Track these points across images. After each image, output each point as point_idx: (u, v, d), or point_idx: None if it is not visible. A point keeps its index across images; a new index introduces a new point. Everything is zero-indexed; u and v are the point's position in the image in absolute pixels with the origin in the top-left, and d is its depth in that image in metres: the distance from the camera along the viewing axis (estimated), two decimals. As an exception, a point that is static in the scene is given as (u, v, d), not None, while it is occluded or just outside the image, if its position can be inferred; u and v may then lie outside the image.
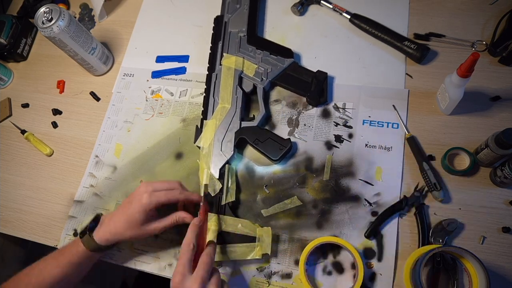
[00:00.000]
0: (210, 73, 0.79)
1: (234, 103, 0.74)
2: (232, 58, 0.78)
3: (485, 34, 0.74)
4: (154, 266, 0.68)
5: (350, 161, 0.68)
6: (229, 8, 0.84)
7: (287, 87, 0.75)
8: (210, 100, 0.76)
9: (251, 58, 0.77)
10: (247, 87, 0.75)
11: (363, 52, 0.77)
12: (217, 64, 0.79)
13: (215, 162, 0.70)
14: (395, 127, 0.69)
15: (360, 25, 0.77)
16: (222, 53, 0.79)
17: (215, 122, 0.73)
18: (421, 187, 0.64)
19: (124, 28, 0.93)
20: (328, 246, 0.63)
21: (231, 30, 0.81)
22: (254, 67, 0.76)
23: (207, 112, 0.75)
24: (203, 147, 0.72)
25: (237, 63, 0.77)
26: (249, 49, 0.79)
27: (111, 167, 0.78)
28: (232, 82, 0.75)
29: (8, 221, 0.79)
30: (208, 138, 0.72)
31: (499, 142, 0.57)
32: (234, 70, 0.77)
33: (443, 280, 0.59)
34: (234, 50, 0.79)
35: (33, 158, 0.84)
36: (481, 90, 0.69)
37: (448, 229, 0.60)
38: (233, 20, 0.82)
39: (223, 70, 0.77)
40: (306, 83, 0.73)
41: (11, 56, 0.94)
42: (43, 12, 0.76)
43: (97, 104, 0.86)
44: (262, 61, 0.77)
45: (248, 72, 0.76)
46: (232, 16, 0.83)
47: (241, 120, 0.72)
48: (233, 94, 0.74)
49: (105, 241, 0.62)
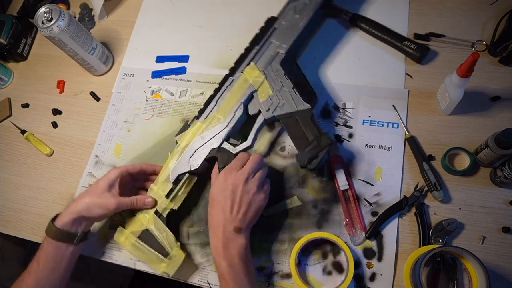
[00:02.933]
0: (228, 76, 0.72)
1: (227, 120, 0.68)
2: (255, 72, 0.70)
3: (485, 34, 0.74)
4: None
5: (350, 161, 0.68)
6: (288, 14, 0.73)
7: (287, 131, 0.67)
8: (212, 103, 0.71)
9: (272, 82, 0.69)
10: (252, 109, 0.69)
11: (363, 52, 0.77)
12: (240, 69, 0.72)
13: (178, 167, 0.68)
14: (395, 127, 0.69)
15: (360, 25, 0.77)
16: (251, 61, 0.71)
17: (202, 127, 0.69)
18: (421, 186, 0.64)
19: (124, 28, 0.93)
20: (328, 246, 0.64)
21: (273, 40, 0.72)
22: (269, 92, 0.68)
23: (203, 112, 0.71)
24: (180, 144, 0.70)
25: (256, 80, 0.69)
26: (277, 71, 0.69)
27: (111, 167, 0.78)
28: (239, 97, 0.69)
29: (8, 221, 0.79)
30: (188, 139, 0.69)
31: (499, 142, 0.57)
32: (249, 85, 0.69)
33: (443, 280, 0.59)
34: (263, 63, 0.70)
35: (33, 158, 0.84)
36: (481, 90, 0.69)
37: (448, 229, 0.60)
38: (282, 30, 0.72)
39: (240, 79, 0.70)
40: (306, 140, 0.64)
41: (11, 56, 0.94)
42: (43, 12, 0.76)
43: (97, 104, 0.86)
44: (281, 91, 0.68)
45: (261, 95, 0.68)
46: (284, 25, 0.72)
47: (224, 140, 0.68)
48: (232, 111, 0.69)
49: (70, 223, 0.61)
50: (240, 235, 0.58)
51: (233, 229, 0.58)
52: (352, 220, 0.64)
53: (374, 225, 0.62)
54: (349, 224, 0.63)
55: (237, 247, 0.57)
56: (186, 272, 0.66)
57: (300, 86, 0.68)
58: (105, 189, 0.63)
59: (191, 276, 0.66)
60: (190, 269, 0.66)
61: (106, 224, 0.72)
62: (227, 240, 0.57)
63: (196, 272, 0.66)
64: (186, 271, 0.66)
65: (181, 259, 0.63)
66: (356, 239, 0.62)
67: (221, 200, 0.60)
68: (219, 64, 0.83)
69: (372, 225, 0.62)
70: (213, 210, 0.61)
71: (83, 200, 0.62)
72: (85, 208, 0.62)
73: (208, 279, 0.65)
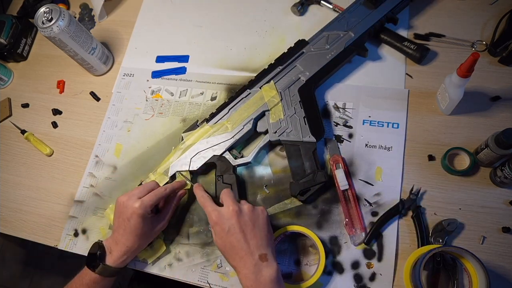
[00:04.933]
0: (246, 88, 0.73)
1: (235, 132, 0.69)
2: (273, 92, 0.70)
3: (485, 34, 0.74)
4: (154, 266, 0.68)
5: (350, 161, 0.68)
6: (319, 42, 0.73)
7: (287, 157, 0.67)
8: (224, 111, 0.71)
9: (286, 106, 0.69)
10: (260, 127, 0.70)
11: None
12: (259, 84, 0.72)
13: (178, 163, 0.70)
14: (395, 127, 0.69)
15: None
16: (271, 79, 0.72)
17: (209, 131, 0.71)
18: (417, 189, 0.64)
19: (124, 28, 0.93)
20: (328, 246, 0.64)
21: (298, 65, 0.72)
22: (280, 116, 0.68)
23: (214, 117, 0.72)
24: (185, 142, 0.71)
25: (272, 100, 0.70)
26: (293, 97, 0.69)
27: (111, 167, 0.78)
28: (251, 112, 0.70)
29: (8, 221, 0.79)
30: (193, 139, 0.71)
31: (499, 142, 0.57)
32: (264, 103, 0.70)
33: (443, 280, 0.59)
34: (282, 85, 0.71)
35: (33, 158, 0.84)
36: (481, 90, 0.69)
37: (448, 229, 0.60)
38: (309, 56, 0.72)
39: (256, 95, 0.71)
40: (303, 171, 0.65)
41: (11, 56, 0.94)
42: (43, 12, 0.76)
43: (97, 104, 0.86)
44: (292, 118, 0.68)
45: (272, 116, 0.69)
46: (312, 52, 0.72)
47: (227, 149, 0.69)
48: (242, 124, 0.69)
49: (122, 263, 0.62)
50: (267, 262, 0.54)
51: (258, 259, 0.54)
52: (352, 220, 0.64)
53: (372, 230, 0.62)
54: (349, 224, 0.63)
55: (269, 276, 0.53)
56: (186, 272, 0.66)
57: (311, 117, 0.68)
58: (149, 228, 0.62)
59: (191, 276, 0.66)
60: (190, 268, 0.66)
61: (106, 224, 0.73)
62: (258, 274, 0.53)
63: (196, 272, 0.66)
64: (186, 271, 0.66)
65: (162, 250, 0.67)
66: (356, 239, 0.62)
67: (228, 237, 0.56)
68: (219, 64, 0.83)
69: (370, 230, 0.62)
70: (231, 261, 0.56)
71: (140, 245, 0.62)
72: (142, 248, 0.64)
73: (208, 279, 0.65)
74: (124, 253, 0.61)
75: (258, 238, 0.55)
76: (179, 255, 0.68)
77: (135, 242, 0.61)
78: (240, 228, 0.55)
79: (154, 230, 0.64)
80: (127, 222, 0.60)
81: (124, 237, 0.61)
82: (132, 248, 0.61)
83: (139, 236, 0.61)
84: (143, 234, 0.62)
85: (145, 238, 0.63)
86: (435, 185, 0.64)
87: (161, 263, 0.68)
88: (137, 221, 0.60)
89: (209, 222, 0.59)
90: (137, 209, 0.59)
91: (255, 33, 0.85)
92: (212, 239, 0.67)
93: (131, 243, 0.61)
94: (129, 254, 0.62)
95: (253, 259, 0.53)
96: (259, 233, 0.56)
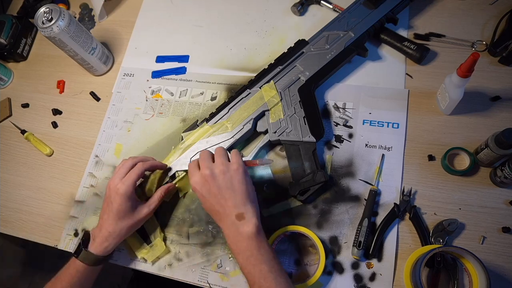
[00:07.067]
0: (246, 87, 0.72)
1: (234, 131, 0.69)
2: (273, 92, 0.70)
3: (485, 34, 0.74)
4: (154, 266, 0.68)
5: (350, 161, 0.68)
6: (319, 42, 0.73)
7: (287, 157, 0.67)
8: (224, 110, 0.71)
9: (286, 106, 0.69)
10: (260, 127, 0.70)
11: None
12: (259, 84, 0.72)
13: (178, 163, 0.70)
14: (395, 127, 0.69)
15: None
16: (271, 79, 0.71)
17: (209, 130, 0.71)
18: (408, 190, 0.64)
19: (124, 28, 0.93)
20: (327, 246, 0.64)
21: (298, 64, 0.72)
22: (280, 116, 0.68)
23: (214, 117, 0.72)
24: (185, 141, 0.71)
25: (271, 100, 0.70)
26: (293, 97, 0.69)
27: (111, 167, 0.78)
28: (251, 112, 0.69)
29: (8, 221, 0.79)
30: (193, 139, 0.71)
31: (499, 142, 0.57)
32: (264, 103, 0.70)
33: (443, 280, 0.59)
34: (282, 85, 0.71)
35: (33, 158, 0.84)
36: (481, 90, 0.69)
37: (448, 229, 0.60)
38: (309, 56, 0.72)
39: (256, 95, 0.71)
40: (303, 171, 0.65)
41: (11, 56, 0.94)
42: (43, 12, 0.76)
43: (97, 104, 0.86)
44: (292, 117, 0.68)
45: (272, 116, 0.69)
46: (312, 52, 0.72)
47: (227, 149, 0.68)
48: (241, 124, 0.69)
49: (104, 249, 0.62)
50: (244, 220, 0.55)
51: (235, 218, 0.56)
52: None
53: (374, 242, 0.61)
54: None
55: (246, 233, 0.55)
56: (186, 272, 0.66)
57: (311, 117, 0.68)
58: (130, 208, 0.62)
59: (191, 276, 0.66)
60: (190, 268, 0.66)
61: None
62: (236, 232, 0.55)
63: (196, 272, 0.66)
64: (186, 271, 0.66)
65: (162, 250, 0.67)
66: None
67: (207, 201, 0.58)
68: (219, 64, 0.83)
69: (372, 243, 0.61)
70: (216, 222, 0.60)
71: (120, 228, 0.62)
72: (124, 233, 0.63)
73: (208, 279, 0.65)
74: (105, 239, 0.61)
75: (233, 199, 0.56)
76: (179, 255, 0.68)
77: (117, 225, 0.61)
78: (213, 192, 0.57)
79: (138, 217, 0.63)
80: (111, 206, 0.62)
81: (107, 222, 0.62)
82: (114, 233, 0.61)
83: (121, 218, 0.61)
84: (124, 216, 0.62)
85: (127, 222, 0.62)
86: (435, 185, 0.64)
87: (161, 263, 0.68)
88: (119, 201, 0.61)
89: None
90: (119, 189, 0.61)
91: (255, 33, 0.85)
92: (212, 239, 0.67)
93: (112, 227, 0.61)
94: (111, 240, 0.62)
95: (230, 220, 0.56)
96: (233, 194, 0.57)
